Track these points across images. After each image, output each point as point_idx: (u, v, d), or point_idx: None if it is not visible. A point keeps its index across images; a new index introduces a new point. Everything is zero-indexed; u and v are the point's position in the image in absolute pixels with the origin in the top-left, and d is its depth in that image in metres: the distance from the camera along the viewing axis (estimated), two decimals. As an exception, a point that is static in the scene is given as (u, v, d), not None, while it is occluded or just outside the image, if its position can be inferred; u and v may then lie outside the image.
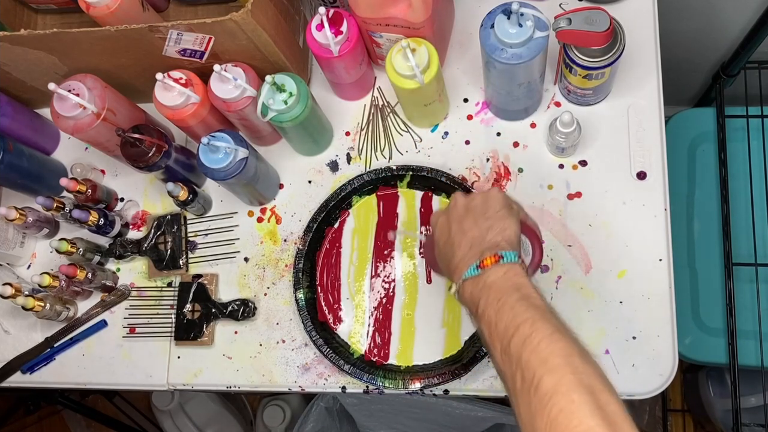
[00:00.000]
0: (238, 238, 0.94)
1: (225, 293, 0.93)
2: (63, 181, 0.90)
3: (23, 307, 0.89)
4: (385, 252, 0.90)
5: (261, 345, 0.90)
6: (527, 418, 0.50)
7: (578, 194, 0.87)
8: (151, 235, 0.95)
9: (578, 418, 0.46)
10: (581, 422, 0.46)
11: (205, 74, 0.84)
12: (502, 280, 0.58)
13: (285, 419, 1.62)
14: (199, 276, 0.93)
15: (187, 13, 1.00)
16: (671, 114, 1.27)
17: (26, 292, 0.89)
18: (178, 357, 0.92)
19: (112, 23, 0.84)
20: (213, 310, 0.91)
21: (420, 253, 0.89)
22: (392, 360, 0.87)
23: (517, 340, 0.53)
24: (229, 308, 0.90)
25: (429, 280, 0.88)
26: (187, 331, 0.91)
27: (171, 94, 0.82)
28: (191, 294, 0.92)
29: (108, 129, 0.86)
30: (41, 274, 0.88)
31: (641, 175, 0.86)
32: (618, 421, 0.47)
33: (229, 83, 0.81)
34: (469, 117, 0.92)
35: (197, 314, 0.91)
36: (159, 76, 0.78)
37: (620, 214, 0.85)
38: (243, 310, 0.90)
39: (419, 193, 0.91)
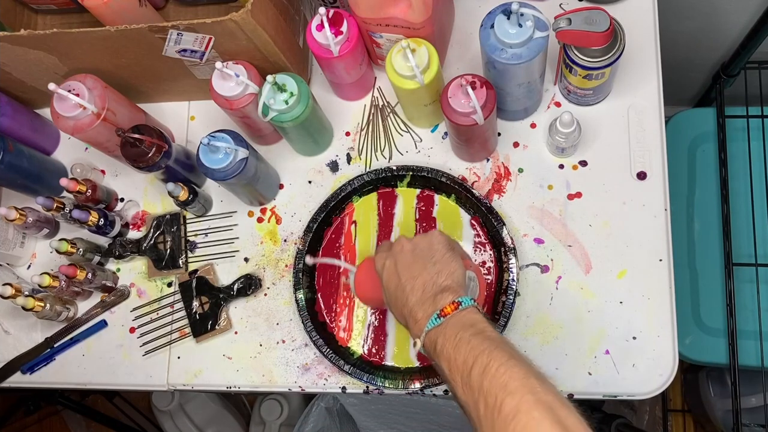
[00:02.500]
0: (238, 238, 0.94)
1: (225, 279, 0.93)
2: (63, 181, 0.90)
3: (23, 308, 0.89)
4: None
5: (261, 345, 0.90)
6: None
7: (578, 194, 0.87)
8: (150, 235, 0.95)
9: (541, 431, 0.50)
10: None
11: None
12: (456, 318, 0.62)
13: (282, 414, 1.62)
14: (195, 271, 0.93)
15: (186, 13, 1.00)
16: (671, 114, 1.27)
17: (26, 293, 0.89)
18: (178, 357, 0.92)
19: (107, 16, 0.84)
20: (221, 296, 0.91)
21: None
22: (389, 361, 0.87)
23: (476, 371, 0.56)
24: (236, 287, 0.91)
25: None
26: (203, 325, 0.91)
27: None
28: (194, 290, 0.92)
29: (108, 129, 0.86)
30: (41, 274, 0.88)
31: (641, 175, 0.86)
32: (578, 431, 0.51)
33: (231, 80, 0.81)
34: (469, 117, 0.92)
35: (207, 305, 0.91)
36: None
37: (620, 214, 0.85)
38: (249, 285, 0.90)
39: (418, 193, 0.91)
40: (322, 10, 0.79)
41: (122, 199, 0.99)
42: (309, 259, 0.87)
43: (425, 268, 0.67)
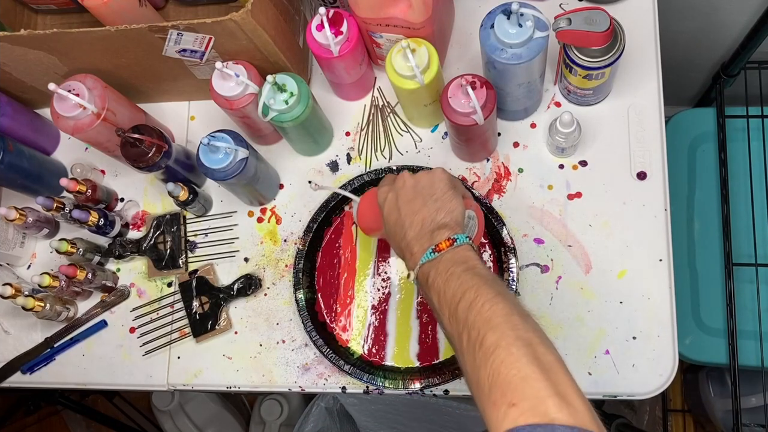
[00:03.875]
0: (238, 238, 0.94)
1: (225, 279, 0.93)
2: (63, 181, 0.90)
3: (23, 308, 0.89)
4: (387, 251, 0.90)
5: (261, 345, 0.90)
6: (473, 371, 0.55)
7: (578, 194, 0.87)
8: (150, 235, 0.95)
9: (517, 367, 0.51)
10: (519, 370, 0.51)
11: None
12: (450, 254, 0.64)
13: (282, 414, 1.62)
14: (195, 271, 0.93)
15: (186, 13, 1.00)
16: (671, 114, 1.27)
17: (26, 293, 0.89)
18: (178, 357, 0.92)
19: (107, 16, 0.84)
20: (221, 296, 0.91)
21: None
22: (389, 361, 0.87)
23: (463, 305, 0.58)
24: (236, 287, 0.91)
25: None
26: (203, 325, 0.91)
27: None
28: (194, 290, 0.92)
29: (108, 129, 0.86)
30: (41, 274, 0.88)
31: (641, 175, 0.86)
32: (553, 369, 0.52)
33: (231, 80, 0.81)
34: (469, 117, 0.92)
35: (207, 305, 0.91)
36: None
37: (620, 214, 0.85)
38: (249, 285, 0.90)
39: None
40: (322, 10, 0.79)
41: (122, 199, 0.99)
42: (312, 185, 0.88)
43: (425, 205, 0.68)
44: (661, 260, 0.83)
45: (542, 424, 0.47)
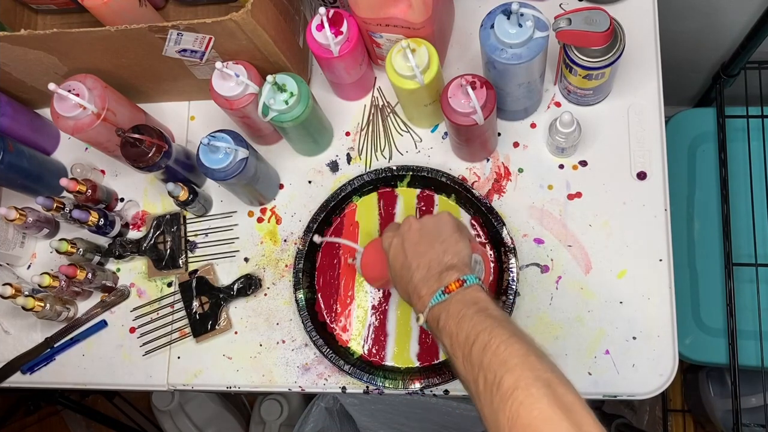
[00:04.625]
0: (238, 238, 0.94)
1: (225, 279, 0.93)
2: (63, 181, 0.90)
3: (23, 308, 0.89)
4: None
5: (261, 345, 0.90)
6: (491, 416, 0.53)
7: (578, 194, 0.87)
8: (150, 235, 0.95)
9: (538, 408, 0.51)
10: (541, 411, 0.50)
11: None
12: (460, 295, 0.63)
13: (282, 414, 1.62)
14: (195, 271, 0.93)
15: (186, 13, 1.00)
16: (671, 114, 1.27)
17: (26, 293, 0.89)
18: (178, 357, 0.92)
19: (107, 16, 0.84)
20: (221, 296, 0.91)
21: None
22: (389, 361, 0.87)
23: (477, 347, 0.57)
24: (236, 287, 0.91)
25: None
26: (203, 325, 0.91)
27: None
28: (194, 290, 0.92)
29: (108, 129, 0.86)
30: (41, 274, 0.88)
31: (641, 175, 0.86)
32: (575, 409, 0.51)
33: (231, 80, 0.81)
34: (469, 117, 0.92)
35: (207, 305, 0.91)
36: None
37: (620, 214, 0.85)
38: (249, 285, 0.90)
39: (419, 193, 0.91)
40: (322, 10, 0.79)
41: (122, 199, 0.99)
42: (317, 238, 0.88)
43: (432, 247, 0.68)
44: (661, 260, 0.83)
45: None
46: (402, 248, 0.70)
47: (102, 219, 0.92)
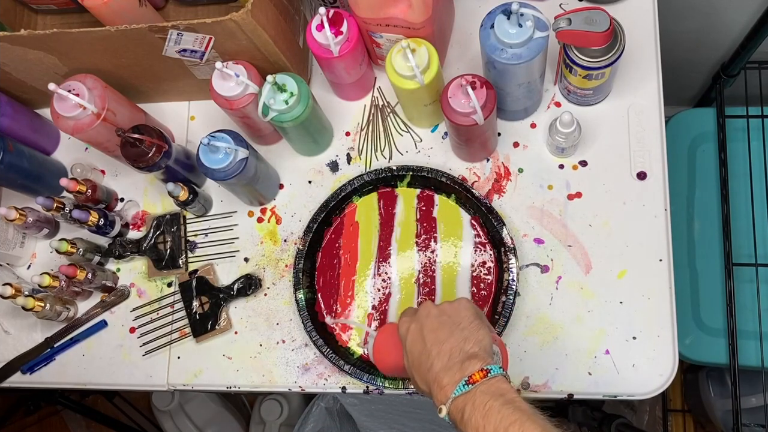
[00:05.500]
0: (238, 238, 0.94)
1: (225, 279, 0.93)
2: (63, 181, 0.90)
3: (23, 308, 0.89)
4: (387, 251, 0.90)
5: (261, 345, 0.90)
6: None
7: (578, 194, 0.87)
8: (150, 235, 0.95)
9: None
10: None
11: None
12: (485, 386, 0.60)
13: (282, 414, 1.62)
14: (195, 271, 0.93)
15: (186, 13, 1.00)
16: (671, 114, 1.27)
17: (26, 293, 0.89)
18: (178, 357, 0.92)
19: (107, 16, 0.84)
20: (221, 296, 0.91)
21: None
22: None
23: None
24: (236, 287, 0.91)
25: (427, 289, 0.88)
26: (203, 325, 0.91)
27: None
28: (194, 290, 0.92)
29: (108, 129, 0.86)
30: (41, 274, 0.88)
31: (641, 175, 0.86)
32: None
33: (231, 80, 0.81)
34: (469, 117, 0.92)
35: (207, 305, 0.91)
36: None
37: (620, 214, 0.85)
38: (249, 285, 0.90)
39: (419, 193, 0.91)
40: (322, 10, 0.79)
41: (122, 199, 0.99)
42: (329, 319, 0.88)
43: (452, 334, 0.65)
44: (661, 260, 0.83)
45: None
46: (421, 335, 0.66)
47: (102, 219, 0.92)
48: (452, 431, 0.62)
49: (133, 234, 0.98)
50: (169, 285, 0.95)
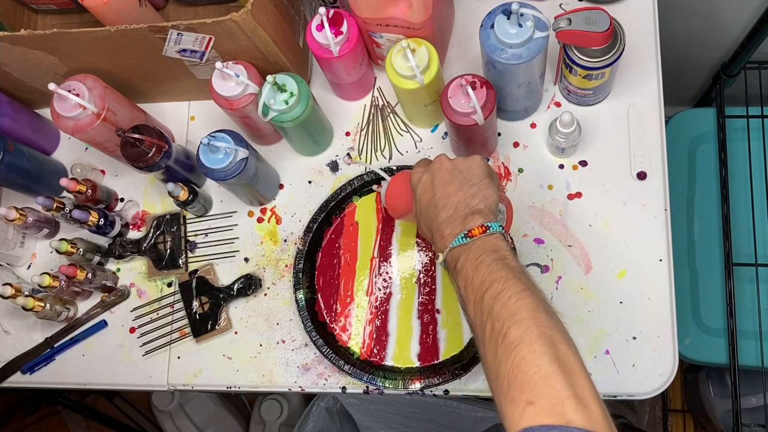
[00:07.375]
0: (238, 238, 0.94)
1: (225, 279, 0.93)
2: (63, 181, 0.90)
3: (23, 308, 0.89)
4: (388, 251, 0.90)
5: (261, 345, 0.90)
6: (493, 364, 0.55)
7: (578, 194, 0.87)
8: (150, 235, 0.95)
9: (538, 365, 0.52)
10: (540, 368, 0.51)
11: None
12: (482, 241, 0.63)
13: (282, 414, 1.62)
14: (195, 271, 0.93)
15: (186, 13, 1.00)
16: (671, 114, 1.27)
17: (26, 293, 0.90)
18: (178, 357, 0.92)
19: (107, 16, 0.84)
20: (221, 296, 0.91)
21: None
22: (389, 361, 0.87)
23: (490, 294, 0.58)
24: (236, 287, 0.91)
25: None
26: (204, 325, 0.91)
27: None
28: (194, 290, 0.92)
29: (108, 129, 0.86)
30: (41, 274, 0.88)
31: (641, 175, 0.86)
32: (574, 370, 0.52)
33: (231, 80, 0.81)
34: (469, 117, 0.92)
35: (207, 305, 0.91)
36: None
37: (620, 214, 0.85)
38: (249, 285, 0.90)
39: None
40: (322, 10, 0.79)
41: (122, 199, 0.99)
42: (348, 160, 0.90)
43: (461, 189, 0.68)
44: (661, 260, 0.83)
45: (558, 426, 0.48)
46: (431, 185, 0.69)
47: (102, 219, 0.92)
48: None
49: (133, 234, 0.98)
50: (169, 285, 0.95)
